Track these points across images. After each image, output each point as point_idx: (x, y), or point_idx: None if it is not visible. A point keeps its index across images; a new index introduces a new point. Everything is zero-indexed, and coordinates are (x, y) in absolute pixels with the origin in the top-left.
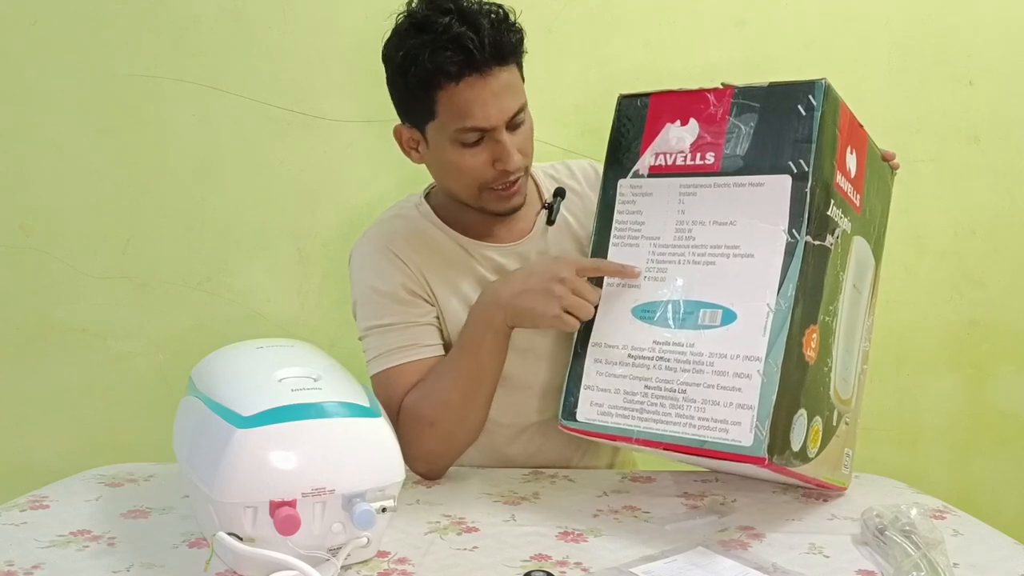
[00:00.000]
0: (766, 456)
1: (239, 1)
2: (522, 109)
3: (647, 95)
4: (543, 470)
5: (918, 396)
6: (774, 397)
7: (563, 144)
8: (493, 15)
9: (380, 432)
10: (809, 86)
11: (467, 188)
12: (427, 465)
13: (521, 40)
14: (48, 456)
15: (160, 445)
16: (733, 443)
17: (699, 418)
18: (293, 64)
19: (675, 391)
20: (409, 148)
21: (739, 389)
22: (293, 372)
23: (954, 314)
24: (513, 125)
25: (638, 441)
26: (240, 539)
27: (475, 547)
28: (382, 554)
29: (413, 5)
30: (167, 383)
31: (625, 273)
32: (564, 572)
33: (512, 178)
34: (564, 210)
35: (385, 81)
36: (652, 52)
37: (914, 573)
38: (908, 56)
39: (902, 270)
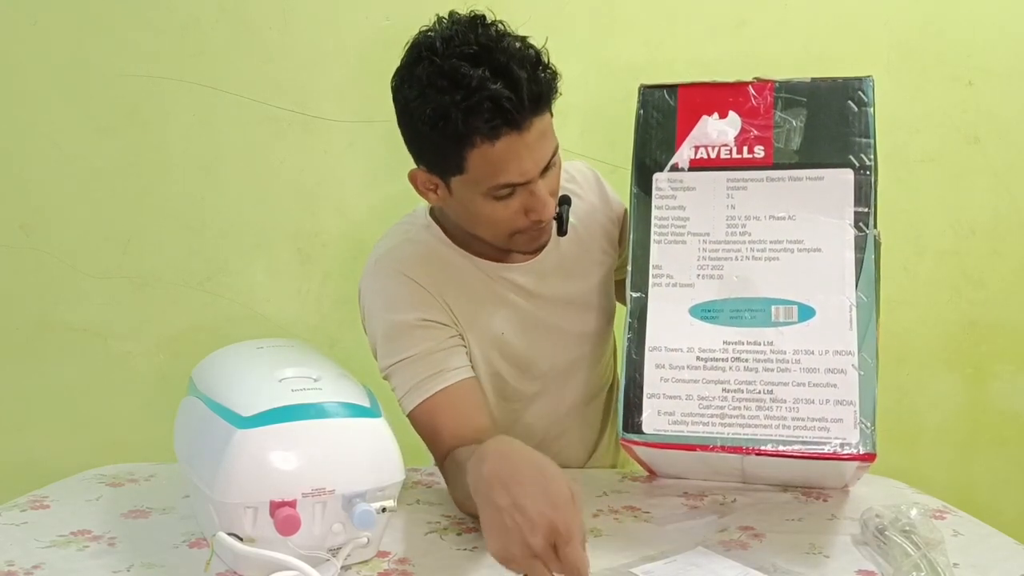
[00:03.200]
0: (875, 451)
1: (239, 1)
2: (555, 152)
3: (674, 86)
4: None
5: (918, 396)
6: (876, 391)
7: (563, 144)
8: (526, 59)
9: (380, 432)
10: (858, 81)
11: (496, 235)
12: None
13: (556, 83)
14: (48, 456)
15: (160, 445)
16: (837, 441)
17: (793, 418)
18: (293, 64)
19: (760, 392)
20: (426, 190)
21: (834, 385)
22: (293, 372)
23: (954, 314)
24: (546, 169)
25: (723, 449)
26: (240, 539)
27: (475, 547)
28: (382, 554)
29: (429, 39)
30: (167, 383)
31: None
32: None
33: (543, 224)
34: (570, 216)
35: (396, 119)
36: (652, 51)
37: (914, 573)
38: (908, 56)
39: (902, 270)
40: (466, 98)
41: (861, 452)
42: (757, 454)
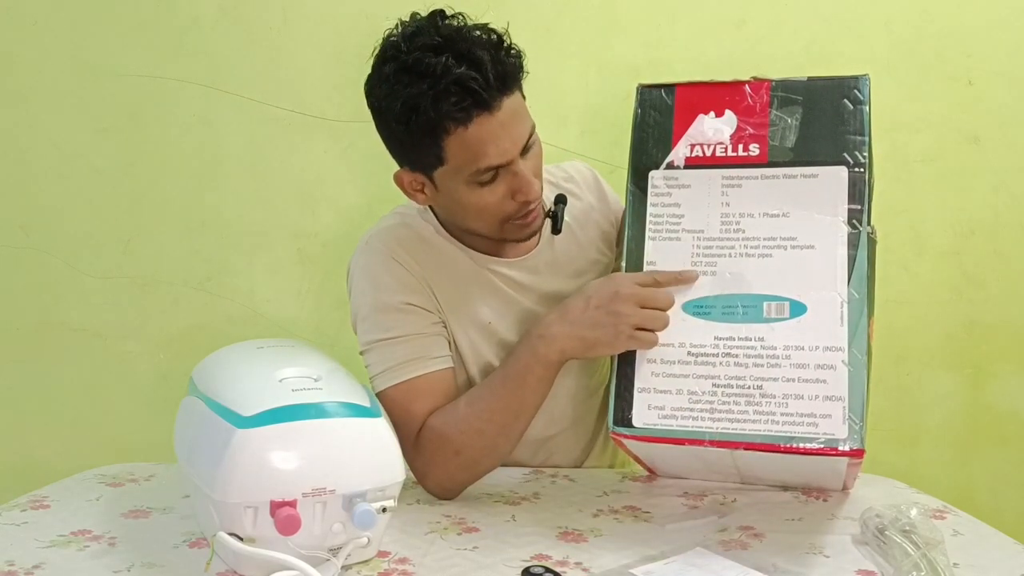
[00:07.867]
0: (864, 447)
1: (239, 1)
2: (532, 132)
3: (671, 85)
4: (543, 470)
5: (918, 396)
6: (866, 387)
7: (563, 144)
8: (488, 43)
9: (380, 432)
10: (854, 80)
11: (488, 225)
12: (444, 489)
13: (521, 62)
14: (48, 456)
15: (160, 445)
16: (825, 436)
17: (782, 414)
18: (293, 64)
19: (750, 387)
20: (414, 191)
21: (824, 381)
22: (293, 372)
23: (954, 314)
24: (525, 150)
25: (712, 443)
26: (240, 539)
27: (475, 547)
28: (382, 554)
29: (393, 39)
30: (167, 383)
31: (683, 279)
32: (564, 572)
33: (532, 206)
34: (566, 215)
35: (375, 127)
36: (652, 52)
37: (914, 573)
38: (908, 56)
39: (902, 270)
40: (432, 86)
41: (849, 448)
42: (746, 448)
